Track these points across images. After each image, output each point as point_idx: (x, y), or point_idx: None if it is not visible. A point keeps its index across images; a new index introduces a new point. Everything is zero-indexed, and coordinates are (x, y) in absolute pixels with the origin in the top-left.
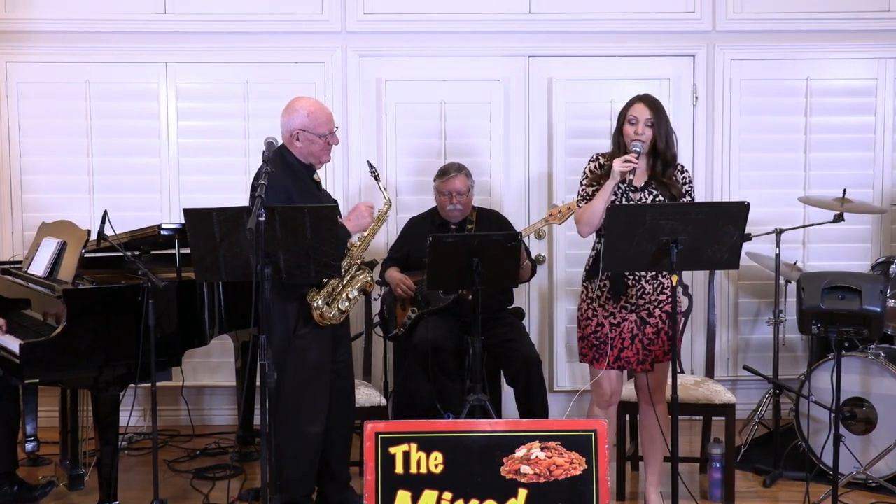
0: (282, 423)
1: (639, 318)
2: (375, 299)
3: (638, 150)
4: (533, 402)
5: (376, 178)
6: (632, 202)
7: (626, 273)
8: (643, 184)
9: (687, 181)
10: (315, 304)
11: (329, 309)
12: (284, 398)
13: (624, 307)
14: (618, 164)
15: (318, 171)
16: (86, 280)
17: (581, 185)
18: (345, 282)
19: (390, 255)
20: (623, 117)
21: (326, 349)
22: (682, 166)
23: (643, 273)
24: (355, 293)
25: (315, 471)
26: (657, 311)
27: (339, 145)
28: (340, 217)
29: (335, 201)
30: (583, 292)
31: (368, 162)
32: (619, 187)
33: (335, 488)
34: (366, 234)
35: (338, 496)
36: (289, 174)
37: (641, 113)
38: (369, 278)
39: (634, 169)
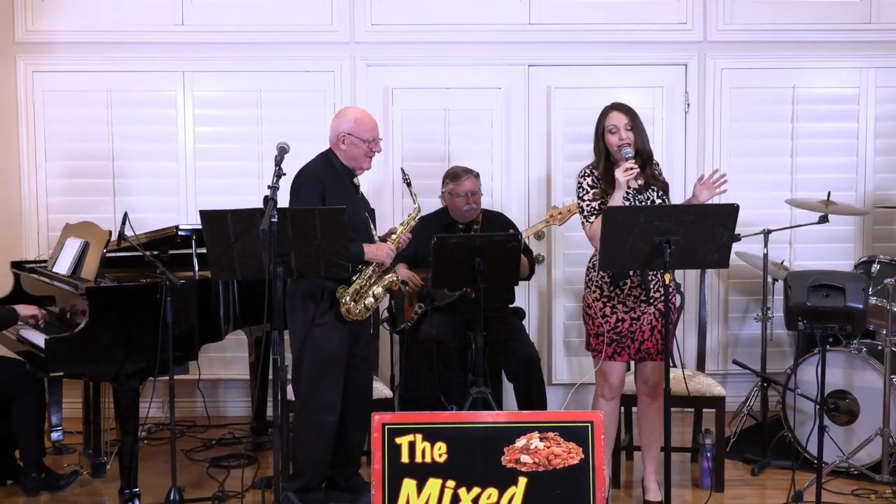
0: (298, 411)
1: (657, 311)
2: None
3: (630, 155)
4: (533, 399)
5: (408, 184)
6: (641, 204)
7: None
8: (641, 186)
9: (662, 172)
10: (343, 301)
11: (356, 305)
12: (300, 387)
13: (644, 301)
14: (621, 176)
15: (357, 176)
16: (107, 278)
17: (584, 200)
18: (372, 280)
19: (399, 253)
20: (602, 128)
21: (344, 340)
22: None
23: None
24: (381, 291)
25: (328, 458)
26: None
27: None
28: (375, 224)
29: (373, 209)
30: (594, 291)
31: (402, 169)
32: (628, 192)
33: (346, 474)
34: (395, 235)
35: (347, 482)
36: (329, 174)
37: (619, 120)
38: (395, 278)
39: (638, 174)
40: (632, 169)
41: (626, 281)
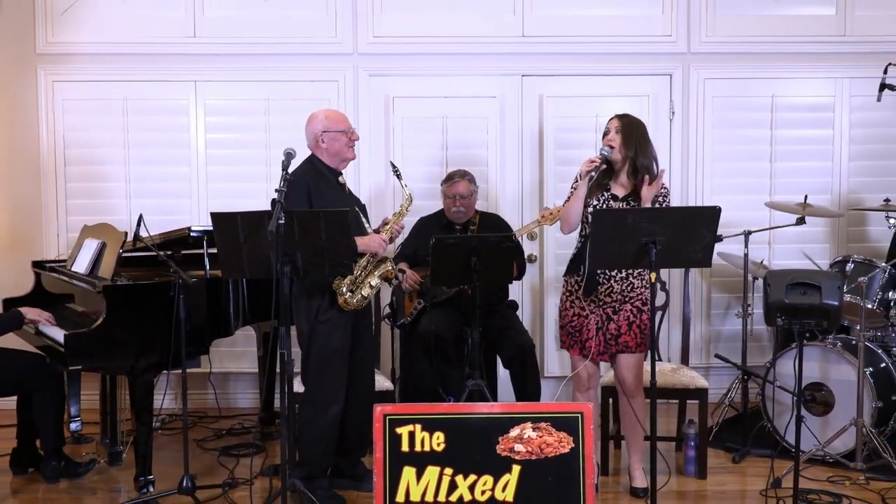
0: (303, 403)
1: (604, 314)
2: (396, 282)
3: (606, 153)
4: (527, 384)
5: (398, 176)
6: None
7: (598, 273)
8: (623, 196)
9: (661, 195)
10: (340, 291)
11: (353, 295)
12: (307, 380)
13: (593, 301)
14: (583, 165)
15: (342, 174)
16: (123, 277)
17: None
18: (368, 270)
19: (400, 252)
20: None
21: (346, 335)
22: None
23: (613, 273)
24: (377, 281)
25: (333, 447)
26: (627, 307)
27: (357, 151)
28: (367, 219)
29: (363, 205)
30: (563, 285)
31: (391, 162)
32: (603, 194)
33: (349, 462)
34: (388, 226)
35: (351, 470)
36: (313, 176)
37: (612, 124)
38: (390, 266)
39: (598, 168)
40: (592, 161)
41: (575, 279)
